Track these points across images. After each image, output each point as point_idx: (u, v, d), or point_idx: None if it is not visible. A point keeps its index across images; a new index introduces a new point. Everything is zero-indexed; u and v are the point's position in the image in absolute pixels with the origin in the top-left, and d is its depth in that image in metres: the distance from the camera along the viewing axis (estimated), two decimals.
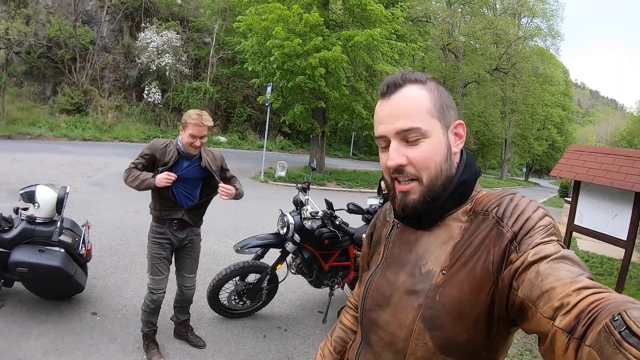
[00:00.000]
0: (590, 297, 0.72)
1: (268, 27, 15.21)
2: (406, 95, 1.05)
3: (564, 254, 0.85)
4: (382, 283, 1.17)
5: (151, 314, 3.72)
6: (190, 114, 3.42)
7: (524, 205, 0.98)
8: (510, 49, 34.03)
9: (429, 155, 1.04)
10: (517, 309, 0.87)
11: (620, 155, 6.98)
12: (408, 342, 1.05)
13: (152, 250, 3.67)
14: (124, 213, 8.07)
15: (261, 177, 15.94)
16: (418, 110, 1.04)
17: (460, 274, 0.99)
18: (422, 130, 1.03)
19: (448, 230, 1.07)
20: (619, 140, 38.37)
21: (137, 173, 3.44)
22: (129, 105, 23.54)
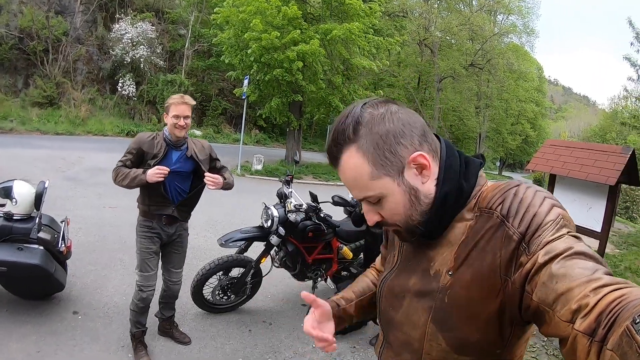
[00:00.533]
0: (609, 296, 0.69)
1: (246, 19, 15.13)
2: (345, 167, 1.02)
3: (577, 249, 0.81)
4: (394, 285, 1.18)
5: (140, 313, 3.61)
6: (172, 96, 3.42)
7: (529, 199, 0.93)
8: (485, 45, 34.31)
9: (393, 212, 1.04)
10: (532, 313, 0.84)
11: (595, 150, 7.11)
12: (422, 342, 1.05)
13: (141, 244, 3.55)
14: (101, 208, 7.91)
15: (238, 171, 15.87)
16: (361, 180, 1.01)
17: (467, 275, 0.97)
18: (374, 195, 1.02)
19: (454, 230, 1.04)
20: (591, 136, 39.07)
21: (126, 171, 3.35)
22: (103, 98, 23.03)
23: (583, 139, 42.08)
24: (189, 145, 3.58)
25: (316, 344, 1.23)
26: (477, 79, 37.55)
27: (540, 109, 50.61)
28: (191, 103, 3.42)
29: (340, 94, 17.59)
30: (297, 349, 4.23)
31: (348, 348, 4.40)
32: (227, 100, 28.68)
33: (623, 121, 13.61)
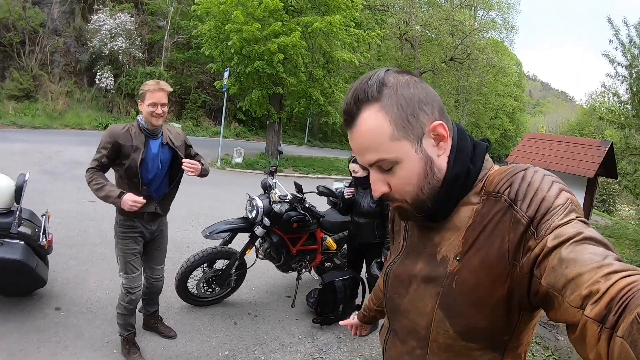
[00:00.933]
0: (620, 282, 0.68)
1: (226, 11, 15.00)
2: (364, 127, 0.98)
3: (586, 234, 0.80)
4: (400, 271, 1.17)
5: (129, 315, 3.49)
6: (147, 83, 3.22)
7: (537, 182, 0.91)
8: (466, 40, 34.57)
9: (406, 179, 1.01)
10: (541, 298, 0.83)
11: (574, 143, 7.24)
12: (429, 329, 1.04)
13: (123, 247, 3.38)
14: (81, 202, 7.76)
15: (218, 164, 15.80)
16: (379, 140, 0.98)
17: (475, 260, 0.96)
18: (390, 159, 0.99)
19: (460, 214, 1.03)
20: (569, 131, 39.75)
21: (101, 182, 3.16)
22: (80, 91, 22.57)
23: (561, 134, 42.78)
24: (164, 132, 3.44)
25: None
26: (457, 74, 37.86)
27: (518, 104, 51.25)
28: (168, 89, 3.25)
29: (321, 86, 17.55)
30: (283, 341, 4.22)
31: (334, 338, 4.41)
32: (206, 93, 28.46)
33: (601, 116, 13.74)
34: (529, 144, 8.20)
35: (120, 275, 3.43)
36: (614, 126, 13.02)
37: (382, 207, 4.32)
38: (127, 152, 3.22)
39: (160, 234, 3.65)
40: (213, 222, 4.68)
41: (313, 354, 4.09)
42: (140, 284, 3.48)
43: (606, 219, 18.30)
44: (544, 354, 4.62)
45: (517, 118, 51.98)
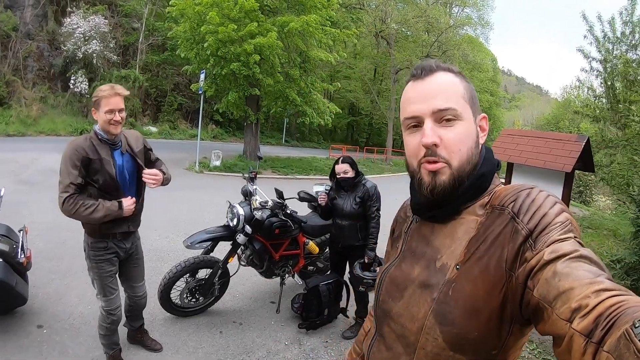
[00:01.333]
0: (610, 300, 0.70)
1: (202, 12, 14.88)
2: (442, 79, 1.05)
3: (582, 253, 0.82)
4: (397, 275, 1.17)
5: (112, 335, 3.42)
6: (101, 88, 2.97)
7: (541, 200, 0.95)
8: (441, 37, 34.89)
9: (462, 138, 1.04)
10: (532, 309, 0.84)
11: (551, 139, 7.32)
12: (419, 335, 1.04)
13: (99, 270, 3.19)
14: (58, 213, 7.47)
15: (196, 168, 15.70)
16: (454, 92, 1.05)
17: (474, 269, 0.97)
18: (457, 112, 1.03)
19: (464, 225, 1.05)
20: (544, 124, 40.20)
21: (91, 203, 2.94)
22: (55, 96, 22.26)
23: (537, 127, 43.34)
24: (122, 139, 3.18)
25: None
26: None
27: (494, 99, 51.97)
28: (124, 93, 3.03)
29: (298, 86, 17.55)
30: (270, 348, 4.20)
31: (320, 343, 4.42)
32: (182, 95, 28.34)
33: (576, 110, 13.99)
34: (507, 139, 8.28)
35: (99, 298, 3.30)
36: (589, 119, 13.24)
37: (364, 208, 4.33)
38: (96, 167, 2.99)
39: (135, 250, 3.47)
40: (194, 229, 4.65)
41: (300, 359, 4.09)
42: (120, 303, 3.37)
43: (584, 210, 18.57)
44: (528, 348, 4.70)
45: (493, 113, 52.61)
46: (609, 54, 11.72)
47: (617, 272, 5.13)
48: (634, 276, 4.71)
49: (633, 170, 9.91)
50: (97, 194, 3.04)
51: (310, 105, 18.41)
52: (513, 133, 8.65)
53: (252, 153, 18.71)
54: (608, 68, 11.73)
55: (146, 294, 3.72)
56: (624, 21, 11.31)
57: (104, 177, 3.01)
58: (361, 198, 4.34)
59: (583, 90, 17.49)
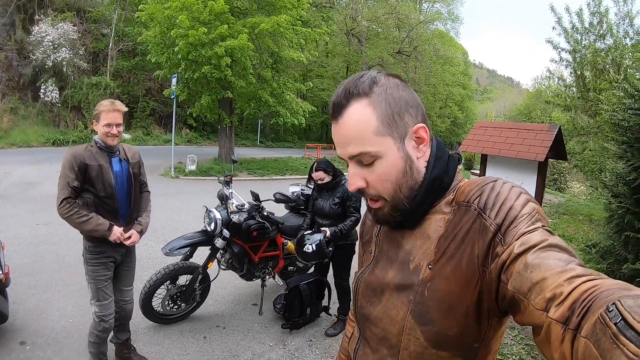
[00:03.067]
0: (583, 286, 0.71)
1: (171, 15, 14.73)
2: (351, 119, 1.00)
3: (551, 241, 0.83)
4: (371, 280, 1.17)
5: (101, 344, 3.42)
6: (102, 103, 3.19)
7: (505, 193, 0.95)
8: (412, 32, 35.21)
9: (385, 176, 1.03)
10: (508, 302, 0.86)
11: (523, 129, 7.45)
12: (400, 337, 1.05)
13: (94, 273, 3.28)
14: (34, 226, 7.50)
15: (172, 173, 15.59)
16: (364, 133, 1.00)
17: (447, 268, 0.98)
18: (372, 153, 1.00)
19: (433, 224, 1.05)
20: (517, 115, 40.68)
21: (85, 213, 3.11)
22: (25, 106, 21.75)
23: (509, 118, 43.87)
24: (120, 149, 3.39)
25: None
26: (405, 66, 38.49)
27: (466, 92, 52.60)
28: (123, 110, 3.24)
29: (270, 87, 17.55)
30: (255, 350, 4.22)
31: (305, 342, 4.46)
32: (155, 100, 28.07)
33: (547, 100, 14.21)
34: (480, 132, 8.38)
35: (92, 304, 3.34)
36: (560, 108, 13.49)
37: (344, 208, 4.37)
38: (95, 173, 3.15)
39: (128, 253, 3.57)
40: (172, 235, 4.64)
41: (285, 359, 4.11)
42: (112, 311, 3.39)
43: (559, 197, 18.82)
44: (510, 334, 4.79)
45: (466, 106, 53.27)
46: (578, 44, 11.96)
47: (593, 257, 5.22)
48: (610, 259, 4.80)
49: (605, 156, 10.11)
50: (93, 201, 3.21)
51: (283, 105, 18.39)
52: (486, 125, 8.75)
53: (227, 156, 18.64)
54: (577, 58, 11.98)
55: (133, 300, 3.73)
56: (592, 12, 11.56)
57: (101, 183, 3.19)
58: (340, 198, 4.38)
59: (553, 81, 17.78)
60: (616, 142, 5.63)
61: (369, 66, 35.38)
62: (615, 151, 5.39)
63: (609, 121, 8.68)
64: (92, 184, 3.17)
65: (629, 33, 11.09)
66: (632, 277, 4.27)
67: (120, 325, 3.71)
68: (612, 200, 4.72)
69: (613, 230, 4.78)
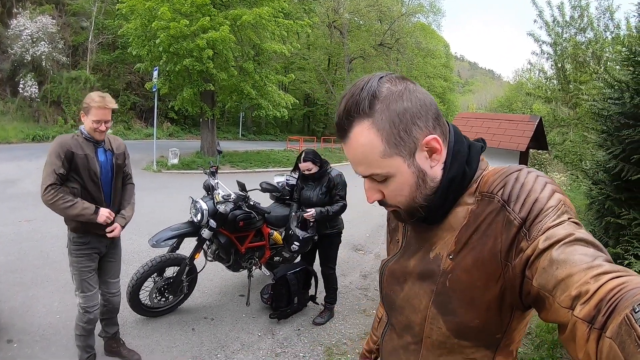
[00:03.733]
0: (609, 283, 0.69)
1: (152, 7, 14.62)
2: (356, 143, 0.98)
3: (577, 235, 0.81)
4: (395, 268, 1.19)
5: (88, 336, 3.38)
6: (92, 97, 3.10)
7: (530, 184, 0.91)
8: (394, 25, 35.25)
9: (397, 193, 1.02)
10: (533, 299, 0.84)
11: (504, 120, 7.52)
12: (423, 326, 1.07)
13: (78, 264, 3.24)
14: (17, 223, 7.37)
15: (154, 167, 15.50)
16: (371, 156, 0.98)
17: (468, 259, 0.97)
18: (381, 174, 1.00)
19: (456, 216, 1.03)
20: (498, 107, 40.92)
21: (71, 199, 3.06)
22: (4, 102, 21.39)
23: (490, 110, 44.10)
24: (105, 140, 3.34)
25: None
26: (387, 58, 38.52)
27: (448, 84, 52.93)
28: (114, 107, 3.18)
29: (252, 80, 17.52)
30: (244, 340, 4.22)
31: (293, 331, 4.48)
32: (136, 94, 27.84)
33: (528, 92, 14.35)
34: (461, 123, 8.44)
35: (77, 295, 3.31)
36: (541, 100, 13.62)
37: (330, 197, 4.40)
38: (81, 162, 3.12)
39: (113, 245, 3.53)
40: (156, 230, 4.59)
41: (275, 349, 4.13)
42: (98, 302, 3.37)
43: None
44: None
45: (447, 98, 53.57)
46: (559, 37, 12.07)
47: None
48: None
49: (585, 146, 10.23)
50: (79, 190, 3.17)
51: (265, 98, 18.36)
52: (467, 116, 8.84)
53: (209, 149, 18.60)
54: (558, 51, 12.09)
55: (120, 292, 3.70)
56: (573, 6, 11.65)
57: (87, 172, 3.16)
58: (327, 187, 4.41)
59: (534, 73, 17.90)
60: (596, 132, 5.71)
61: (351, 58, 35.40)
62: (595, 140, 5.47)
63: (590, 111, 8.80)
64: (77, 172, 3.13)
65: (609, 27, 11.18)
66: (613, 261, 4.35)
67: (108, 319, 3.68)
68: (592, 187, 4.79)
69: (594, 216, 4.84)
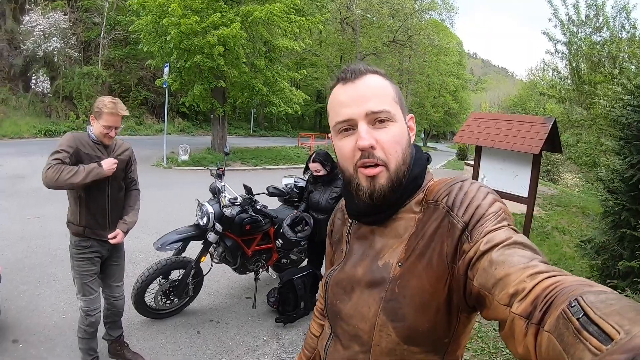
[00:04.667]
0: (545, 282, 0.73)
1: (163, 4, 14.56)
2: (372, 81, 1.06)
3: (516, 239, 0.86)
4: (341, 277, 1.19)
5: (90, 339, 3.37)
6: (105, 102, 3.06)
7: (473, 192, 0.98)
8: (406, 22, 35.14)
9: (398, 139, 1.04)
10: (474, 298, 0.88)
11: (518, 121, 7.43)
12: (372, 333, 1.07)
13: (80, 268, 3.23)
14: (25, 220, 7.39)
15: (164, 163, 15.55)
16: (385, 94, 1.05)
17: (418, 265, 1.00)
18: (391, 113, 1.03)
19: (403, 223, 1.08)
20: (511, 105, 40.72)
21: (72, 168, 2.97)
22: (16, 97, 21.44)
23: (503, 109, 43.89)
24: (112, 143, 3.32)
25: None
26: (399, 55, 38.44)
27: (461, 82, 52.65)
28: (125, 114, 3.15)
29: (264, 76, 17.53)
30: (249, 344, 4.20)
31: (299, 336, 4.45)
32: (147, 90, 27.94)
33: (542, 91, 14.25)
34: (474, 123, 8.34)
35: (78, 298, 3.30)
36: (555, 100, 13.49)
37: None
38: (85, 162, 3.08)
39: (116, 248, 3.49)
40: (165, 228, 4.61)
41: (280, 354, 4.10)
42: (99, 305, 3.35)
43: (552, 188, 18.83)
44: None
45: (460, 96, 53.35)
46: (574, 36, 11.94)
47: (588, 252, 5.21)
48: (604, 255, 4.79)
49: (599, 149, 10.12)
50: (83, 196, 3.17)
51: (277, 94, 18.37)
52: (480, 117, 8.73)
53: (220, 145, 18.58)
54: (573, 50, 11.96)
55: (124, 296, 3.67)
56: (588, 4, 11.50)
57: None
58: (336, 192, 4.36)
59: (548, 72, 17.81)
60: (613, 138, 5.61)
61: (363, 55, 35.31)
62: (612, 147, 5.38)
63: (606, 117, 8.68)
64: None
65: (625, 26, 11.05)
66: (627, 275, 4.27)
67: (112, 322, 3.67)
68: (608, 196, 4.71)
69: (608, 226, 4.77)
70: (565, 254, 7.91)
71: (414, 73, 40.80)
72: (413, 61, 39.46)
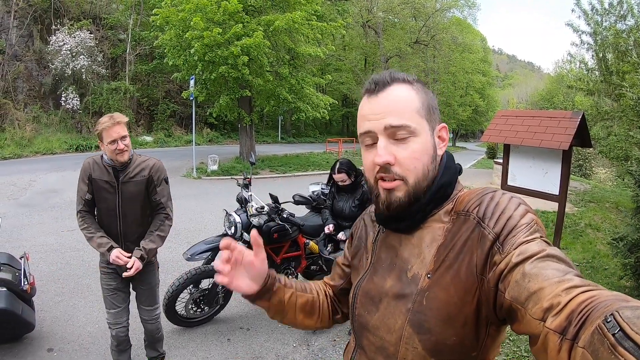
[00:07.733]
0: (580, 296, 0.71)
1: (186, 18, 14.79)
2: (395, 93, 1.04)
3: (549, 252, 0.84)
4: (370, 288, 1.17)
5: (118, 352, 3.41)
6: (100, 121, 2.98)
7: (505, 203, 0.96)
8: (429, 21, 34.91)
9: (417, 156, 1.03)
10: (505, 311, 0.86)
11: (545, 117, 7.32)
12: (398, 346, 1.05)
13: (102, 281, 3.31)
14: (60, 233, 7.63)
15: (194, 174, 15.71)
16: (408, 108, 1.03)
17: (446, 277, 0.98)
18: (411, 128, 1.02)
19: (431, 233, 1.06)
20: (539, 100, 40.12)
21: (92, 231, 3.09)
22: (47, 115, 22.15)
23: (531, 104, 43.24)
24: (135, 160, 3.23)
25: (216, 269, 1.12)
26: (423, 56, 38.22)
27: (487, 79, 51.99)
28: (123, 120, 3.03)
29: (289, 84, 17.59)
30: (279, 351, 4.23)
31: (328, 342, 4.46)
32: (175, 102, 28.30)
33: (569, 84, 13.98)
34: (501, 121, 8.26)
35: (105, 309, 3.37)
36: (583, 93, 13.26)
37: (363, 210, 4.35)
38: (98, 188, 3.10)
39: (140, 274, 3.28)
40: (196, 237, 4.68)
41: None
42: (122, 322, 3.35)
43: (584, 184, 18.45)
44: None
45: (487, 93, 52.66)
46: (598, 26, 11.73)
47: (621, 250, 5.10)
48: (638, 253, 4.68)
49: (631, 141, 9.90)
50: (101, 213, 3.21)
51: (303, 100, 18.41)
52: (507, 114, 8.64)
53: (248, 154, 18.56)
54: (598, 40, 11.75)
55: (157, 320, 3.63)
56: None
57: (105, 204, 3.16)
58: (360, 200, 4.38)
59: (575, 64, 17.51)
60: None
61: (386, 58, 35.21)
62: None
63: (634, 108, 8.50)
64: (97, 197, 3.15)
65: None
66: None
67: (148, 342, 3.74)
68: (639, 192, 4.61)
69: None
70: (599, 252, 7.74)
71: (439, 73, 40.49)
72: (438, 61, 39.17)
